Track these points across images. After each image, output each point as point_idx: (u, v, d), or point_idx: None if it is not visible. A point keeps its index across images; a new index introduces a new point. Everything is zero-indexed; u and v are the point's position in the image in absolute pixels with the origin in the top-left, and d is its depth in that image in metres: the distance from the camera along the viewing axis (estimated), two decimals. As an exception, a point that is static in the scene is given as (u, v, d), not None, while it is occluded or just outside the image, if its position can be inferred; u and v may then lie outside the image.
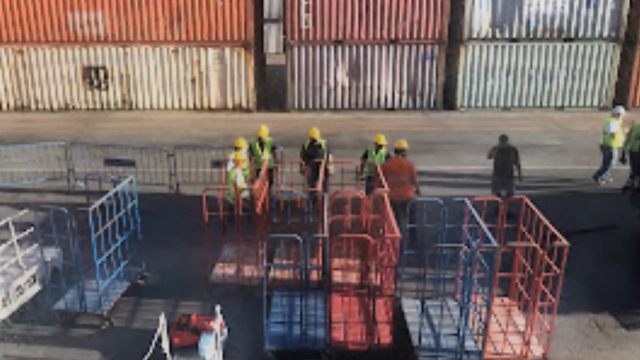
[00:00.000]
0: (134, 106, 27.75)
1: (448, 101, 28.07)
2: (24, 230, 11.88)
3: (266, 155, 15.85)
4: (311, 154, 15.60)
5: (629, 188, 17.04)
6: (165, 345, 9.10)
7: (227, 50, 26.97)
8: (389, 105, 27.76)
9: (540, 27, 26.60)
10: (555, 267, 9.32)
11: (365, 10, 26.46)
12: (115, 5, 26.41)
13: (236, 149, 14.76)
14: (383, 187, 11.88)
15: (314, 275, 11.63)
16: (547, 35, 26.74)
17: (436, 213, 11.38)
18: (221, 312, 9.84)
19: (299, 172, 16.41)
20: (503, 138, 15.73)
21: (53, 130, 23.85)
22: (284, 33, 28.55)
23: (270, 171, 15.32)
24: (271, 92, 31.82)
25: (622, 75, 27.52)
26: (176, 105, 27.72)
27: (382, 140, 15.13)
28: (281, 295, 11.37)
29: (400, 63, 27.16)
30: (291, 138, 21.35)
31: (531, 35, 26.73)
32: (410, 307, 11.02)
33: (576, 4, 26.32)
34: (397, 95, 27.64)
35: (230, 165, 14.29)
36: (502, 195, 15.31)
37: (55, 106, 27.79)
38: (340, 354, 10.03)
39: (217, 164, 16.97)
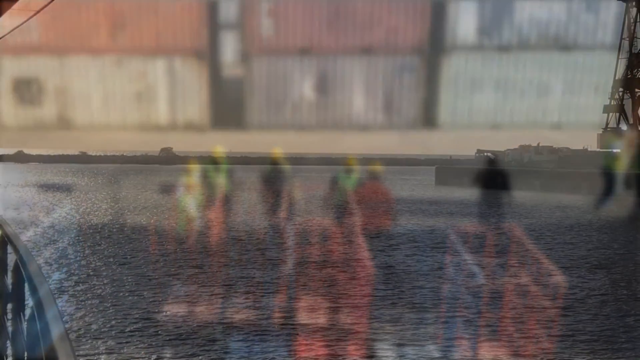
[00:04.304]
0: (71, 125, 27.61)
1: (429, 119, 28.25)
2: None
3: (222, 180, 15.85)
4: (274, 178, 15.62)
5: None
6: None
7: (178, 61, 26.96)
8: (362, 123, 27.88)
9: (534, 34, 27.01)
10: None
11: (335, 16, 26.64)
12: (50, 9, 26.27)
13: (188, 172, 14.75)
14: (355, 215, 11.93)
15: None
16: (542, 43, 27.09)
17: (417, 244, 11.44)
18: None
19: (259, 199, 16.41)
20: (491, 161, 15.87)
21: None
22: (243, 41, 28.66)
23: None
24: (228, 108, 31.85)
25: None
26: (119, 123, 27.62)
27: (354, 163, 15.20)
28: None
29: (375, 75, 27.32)
30: (250, 160, 21.34)
31: (523, 44, 27.05)
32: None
33: (575, 8, 26.87)
34: (370, 113, 27.79)
35: (181, 191, 14.26)
36: (491, 224, 15.42)
37: (-22, 124, 27.56)
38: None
39: (167, 189, 16.94)
